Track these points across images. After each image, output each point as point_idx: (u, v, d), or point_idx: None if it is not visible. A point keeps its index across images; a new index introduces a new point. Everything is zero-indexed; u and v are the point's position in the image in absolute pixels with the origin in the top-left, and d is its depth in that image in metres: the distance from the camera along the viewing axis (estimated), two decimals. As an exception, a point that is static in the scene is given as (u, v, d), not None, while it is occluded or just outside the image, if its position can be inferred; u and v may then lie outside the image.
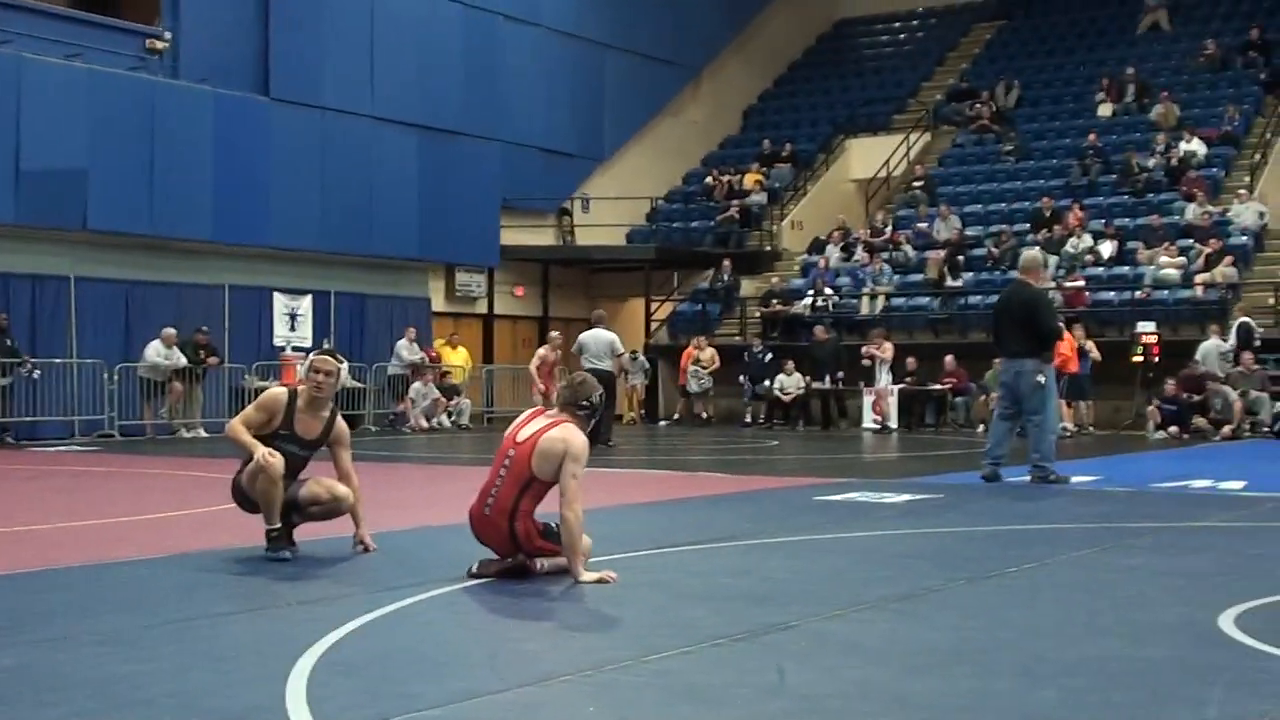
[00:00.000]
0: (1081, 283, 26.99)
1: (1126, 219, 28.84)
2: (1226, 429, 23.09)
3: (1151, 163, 30.24)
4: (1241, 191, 28.76)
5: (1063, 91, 35.34)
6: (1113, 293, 26.89)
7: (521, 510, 7.78)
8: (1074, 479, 14.39)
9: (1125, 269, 27.28)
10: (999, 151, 33.48)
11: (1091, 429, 24.70)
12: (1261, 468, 16.62)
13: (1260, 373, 23.87)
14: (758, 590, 7.64)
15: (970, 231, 30.12)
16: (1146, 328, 25.29)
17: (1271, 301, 26.10)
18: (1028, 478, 14.13)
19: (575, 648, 6.33)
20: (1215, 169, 29.92)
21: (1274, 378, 23.97)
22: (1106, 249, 27.72)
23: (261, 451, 8.46)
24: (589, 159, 33.48)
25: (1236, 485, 13.93)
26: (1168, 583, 7.88)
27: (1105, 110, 33.40)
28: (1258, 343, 24.12)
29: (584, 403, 7.98)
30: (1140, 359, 25.11)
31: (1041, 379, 14.18)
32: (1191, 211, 27.94)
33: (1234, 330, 24.03)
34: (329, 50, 27.48)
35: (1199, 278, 26.02)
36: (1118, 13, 37.33)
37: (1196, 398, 23.65)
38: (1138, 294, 26.43)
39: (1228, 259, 26.17)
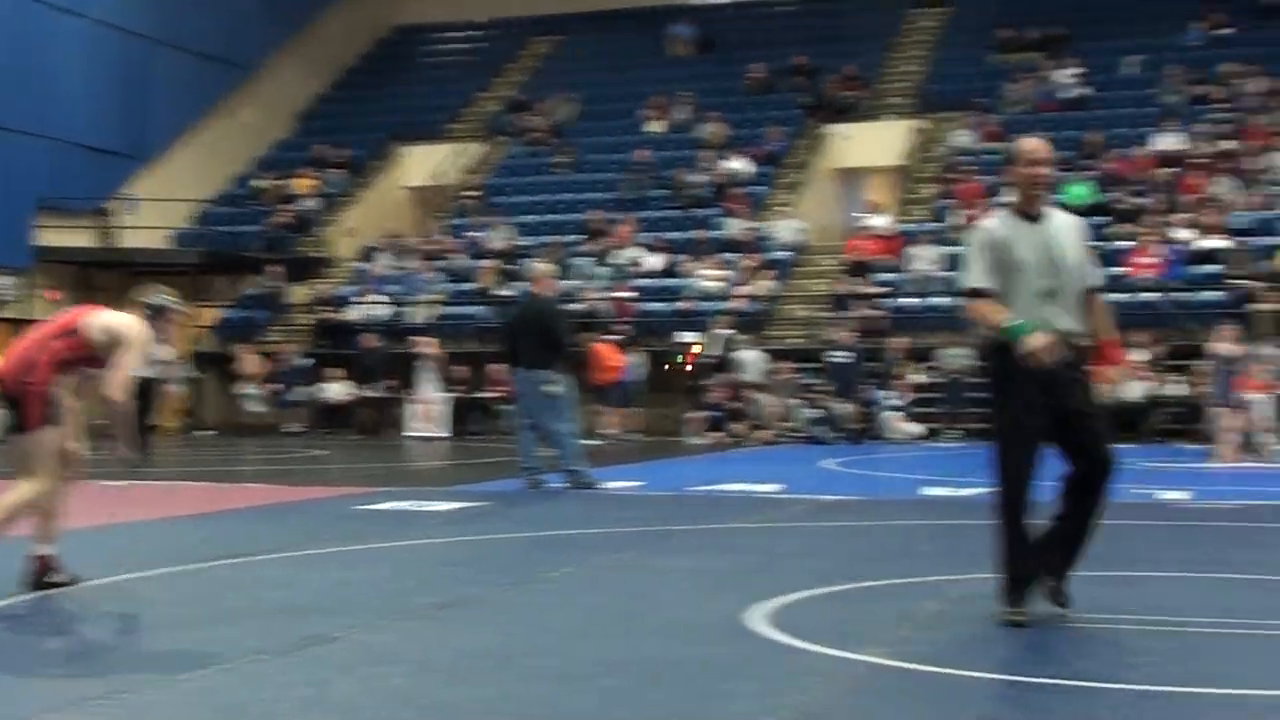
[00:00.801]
0: (629, 293, 27.67)
1: (675, 233, 29.72)
2: (764, 434, 24.11)
3: (699, 179, 31.28)
4: (782, 208, 30.09)
5: (617, 107, 36.06)
6: (660, 303, 27.68)
7: (53, 348, 7.71)
8: (616, 484, 14.73)
9: (673, 281, 28.11)
10: (552, 164, 33.97)
11: (639, 435, 25.33)
12: (794, 471, 17.26)
13: (796, 381, 25.01)
14: (299, 603, 7.51)
15: (523, 241, 30.44)
16: (688, 337, 26.19)
17: (805, 313, 27.39)
18: (566, 484, 14.37)
19: (100, 667, 6.07)
20: (758, 186, 31.19)
21: (807, 386, 25.12)
22: (655, 261, 28.52)
23: None
24: (135, 158, 32.16)
25: (770, 488, 14.46)
26: (702, 582, 8.13)
27: (657, 127, 34.36)
28: (733, 353, 25.17)
29: (148, 302, 8.04)
30: (685, 367, 25.98)
31: (556, 388, 14.45)
32: (734, 226, 29.06)
33: (720, 342, 25.11)
34: None
35: (740, 290, 27.08)
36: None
37: (736, 404, 24.63)
38: (682, 305, 27.29)
39: (768, 272, 27.36)
